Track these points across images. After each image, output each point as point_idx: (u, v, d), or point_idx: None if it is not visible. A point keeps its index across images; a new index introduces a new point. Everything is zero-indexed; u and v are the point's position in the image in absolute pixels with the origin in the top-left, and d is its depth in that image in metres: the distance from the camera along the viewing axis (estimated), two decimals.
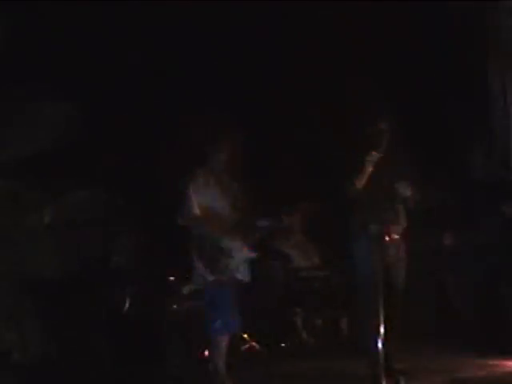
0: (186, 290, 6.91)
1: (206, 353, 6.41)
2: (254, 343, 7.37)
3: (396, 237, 5.96)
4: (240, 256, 5.85)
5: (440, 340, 7.21)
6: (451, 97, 8.06)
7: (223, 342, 5.79)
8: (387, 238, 5.92)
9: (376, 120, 5.97)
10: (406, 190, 5.90)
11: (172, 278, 7.09)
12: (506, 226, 6.89)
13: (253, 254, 5.95)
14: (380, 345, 5.62)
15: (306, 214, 7.86)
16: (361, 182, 5.79)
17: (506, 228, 6.90)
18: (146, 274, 7.14)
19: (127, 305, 6.97)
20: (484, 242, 6.88)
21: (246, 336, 7.38)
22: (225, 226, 5.86)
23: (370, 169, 5.75)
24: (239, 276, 5.87)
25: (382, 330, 5.63)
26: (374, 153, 5.70)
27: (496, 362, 6.35)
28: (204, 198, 5.84)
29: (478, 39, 8.09)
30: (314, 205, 7.49)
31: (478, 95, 8.21)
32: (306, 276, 7.68)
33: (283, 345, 7.69)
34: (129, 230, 7.22)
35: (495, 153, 8.19)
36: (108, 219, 6.69)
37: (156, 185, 7.79)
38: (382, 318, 5.67)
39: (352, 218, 6.04)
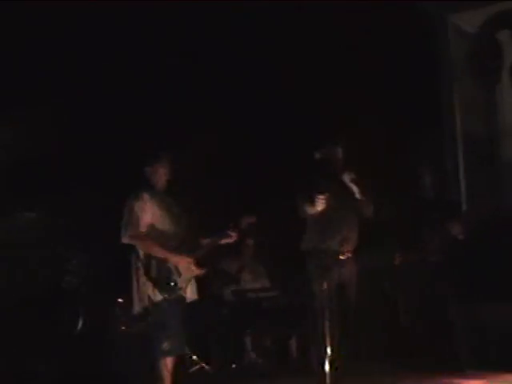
0: (135, 310, 6.84)
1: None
2: (203, 364, 7.32)
3: (349, 255, 6.02)
4: (187, 274, 5.80)
5: (391, 358, 7.26)
6: (403, 117, 8.16)
7: (171, 363, 5.71)
8: (341, 257, 5.98)
9: (327, 144, 6.07)
10: (364, 210, 6.01)
11: (121, 300, 7.03)
12: (453, 244, 6.97)
13: (201, 271, 5.90)
14: (328, 365, 5.64)
15: (255, 234, 7.89)
16: (315, 207, 5.85)
17: (452, 246, 6.99)
18: (96, 295, 7.06)
19: (80, 325, 6.87)
20: (432, 261, 6.94)
21: (195, 357, 7.34)
22: (170, 244, 5.81)
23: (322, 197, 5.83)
24: (187, 294, 5.82)
25: (329, 349, 5.65)
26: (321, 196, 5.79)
27: (450, 381, 6.40)
28: (149, 217, 5.79)
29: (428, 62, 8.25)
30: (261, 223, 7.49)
31: (429, 117, 8.35)
32: (255, 297, 7.66)
33: (233, 365, 7.68)
34: (79, 251, 7.14)
35: (445, 173, 8.34)
36: (55, 240, 6.65)
37: (104, 205, 7.74)
38: (331, 338, 5.70)
39: (304, 236, 6.09)
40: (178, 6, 7.92)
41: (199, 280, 6.00)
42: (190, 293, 5.87)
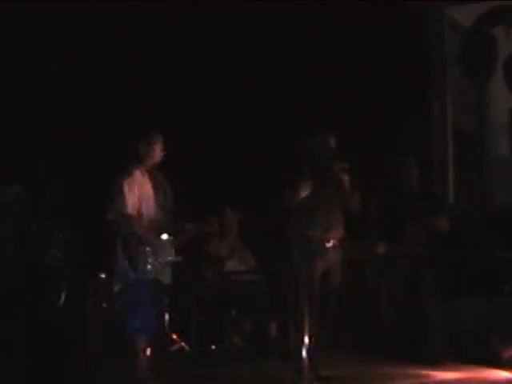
0: (117, 287, 6.87)
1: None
2: (182, 344, 7.36)
3: (335, 243, 6.05)
4: (164, 258, 5.82)
5: (372, 349, 7.31)
6: (393, 110, 8.19)
7: (142, 342, 5.75)
8: (327, 244, 6.01)
9: (318, 134, 6.10)
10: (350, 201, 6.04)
11: (103, 276, 7.05)
12: (436, 238, 7.00)
13: (177, 258, 5.91)
14: (306, 351, 5.68)
15: (241, 218, 7.92)
16: (300, 194, 5.88)
17: (435, 240, 7.02)
18: (78, 270, 7.07)
19: (62, 300, 6.88)
20: (414, 253, 6.97)
21: (175, 336, 7.38)
22: (153, 226, 5.83)
23: (309, 182, 5.85)
24: (162, 278, 5.83)
25: (310, 336, 5.69)
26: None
27: (427, 372, 6.43)
28: (136, 196, 5.80)
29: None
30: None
31: (420, 110, 8.37)
32: (238, 279, 7.69)
33: (213, 347, 7.72)
34: (64, 225, 7.14)
35: (433, 167, 8.37)
36: (41, 215, 6.65)
37: (88, 181, 7.77)
38: (313, 324, 5.74)
39: (291, 224, 6.12)
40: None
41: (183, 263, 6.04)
42: (166, 277, 5.89)
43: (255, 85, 8.50)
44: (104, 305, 6.88)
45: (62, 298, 6.87)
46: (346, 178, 6.02)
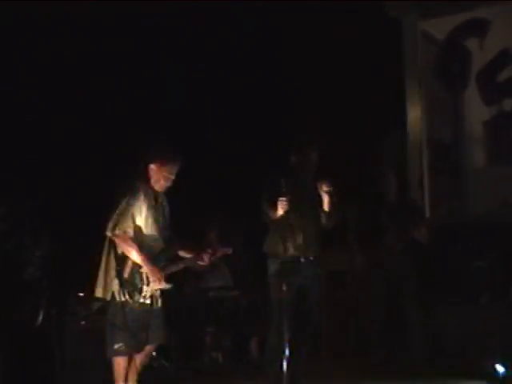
0: (95, 305, 6.83)
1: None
2: (162, 361, 7.32)
3: (311, 258, 6.05)
4: (155, 285, 5.65)
5: (353, 360, 7.33)
6: (368, 120, 8.22)
7: (124, 361, 5.63)
8: (302, 260, 6.00)
9: (300, 148, 6.10)
10: (326, 221, 6.05)
11: (81, 294, 7.00)
12: (416, 249, 7.04)
13: (168, 286, 5.82)
14: (285, 365, 5.66)
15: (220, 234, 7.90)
16: (276, 211, 5.87)
17: (415, 251, 7.05)
18: (57, 288, 7.01)
19: (40, 318, 6.82)
20: (394, 264, 7.00)
21: (154, 353, 7.32)
22: (150, 250, 5.66)
23: (286, 199, 5.84)
24: (151, 303, 5.76)
25: (288, 350, 5.68)
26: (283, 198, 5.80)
27: (407, 382, 6.46)
28: (139, 217, 5.60)
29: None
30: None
31: (395, 121, 8.42)
32: (217, 296, 7.66)
33: (193, 363, 7.69)
34: (41, 242, 7.08)
35: (408, 177, 8.42)
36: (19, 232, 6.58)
37: (66, 197, 7.72)
38: (290, 339, 5.73)
39: (266, 239, 6.11)
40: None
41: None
42: (157, 302, 5.80)
43: (232, 102, 8.51)
44: (82, 323, 6.83)
45: (40, 316, 6.82)
46: (327, 199, 6.01)
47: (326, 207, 6.03)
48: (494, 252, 7.70)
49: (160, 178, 5.66)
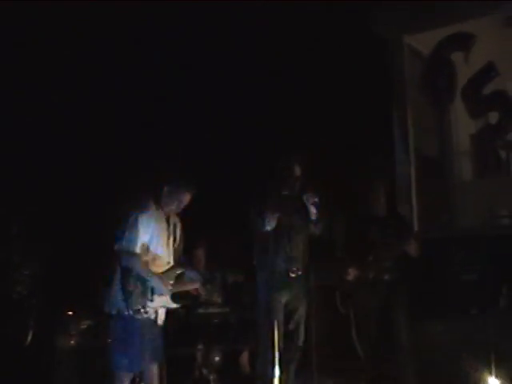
0: (84, 324, 6.80)
1: None
2: None
3: (299, 273, 6.05)
4: (160, 301, 5.70)
5: (344, 375, 7.31)
6: (355, 135, 8.25)
7: (127, 378, 5.66)
8: (292, 275, 6.01)
9: (287, 161, 6.12)
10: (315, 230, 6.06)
11: (71, 313, 6.97)
12: (405, 263, 7.03)
13: (174, 305, 5.80)
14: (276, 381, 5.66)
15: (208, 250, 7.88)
16: (265, 226, 5.88)
17: (404, 265, 7.05)
18: (45, 307, 6.99)
19: (29, 337, 6.79)
20: (384, 279, 7.00)
21: None
22: (158, 269, 5.69)
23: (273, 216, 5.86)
24: (155, 318, 5.74)
25: (277, 367, 5.68)
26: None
27: None
28: (147, 235, 5.62)
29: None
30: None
31: (382, 135, 8.44)
32: (205, 312, 7.63)
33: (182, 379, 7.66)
34: (30, 261, 7.07)
35: (396, 191, 8.43)
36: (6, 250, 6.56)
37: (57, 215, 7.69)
38: (280, 352, 5.72)
39: (257, 254, 6.11)
40: None
41: None
42: (158, 318, 5.77)
43: (220, 116, 8.53)
44: (72, 342, 6.79)
45: (29, 335, 6.79)
46: (314, 210, 6.03)
47: (313, 217, 6.05)
48: (482, 264, 7.70)
49: (172, 202, 5.70)
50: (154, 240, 5.63)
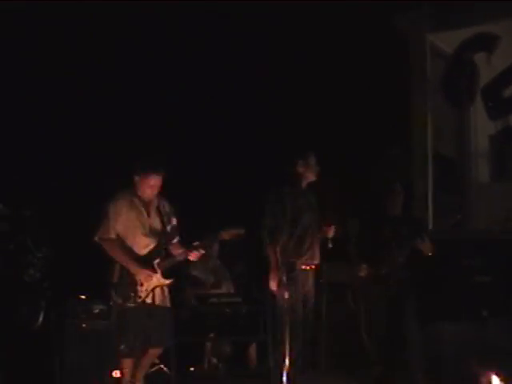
0: (96, 309, 6.83)
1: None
2: (161, 366, 7.29)
3: (309, 269, 6.07)
4: (149, 284, 5.78)
5: (353, 373, 7.30)
6: (375, 134, 8.23)
7: (128, 364, 5.77)
8: (303, 267, 6.02)
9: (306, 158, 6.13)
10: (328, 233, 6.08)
11: (83, 297, 7.00)
12: (417, 263, 7.02)
13: (167, 281, 5.88)
14: (285, 374, 5.67)
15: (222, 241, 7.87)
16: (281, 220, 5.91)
17: (416, 266, 7.04)
18: (57, 289, 7.01)
19: (40, 320, 6.82)
20: (396, 278, 6.99)
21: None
22: (140, 252, 5.83)
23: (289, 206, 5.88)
24: (151, 301, 5.79)
25: (290, 359, 5.69)
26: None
27: None
28: (122, 222, 5.83)
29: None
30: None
31: (401, 134, 8.42)
32: (217, 302, 7.65)
33: (191, 369, 7.67)
34: (43, 244, 7.09)
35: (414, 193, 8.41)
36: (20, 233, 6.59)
37: (68, 200, 7.73)
38: (293, 348, 5.74)
39: (268, 248, 6.12)
40: None
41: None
42: (159, 300, 5.86)
43: (230, 115, 8.54)
44: (84, 325, 6.82)
45: (41, 318, 6.81)
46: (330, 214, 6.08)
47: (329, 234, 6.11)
48: (496, 267, 7.67)
49: (145, 188, 5.87)
50: (129, 227, 5.83)
